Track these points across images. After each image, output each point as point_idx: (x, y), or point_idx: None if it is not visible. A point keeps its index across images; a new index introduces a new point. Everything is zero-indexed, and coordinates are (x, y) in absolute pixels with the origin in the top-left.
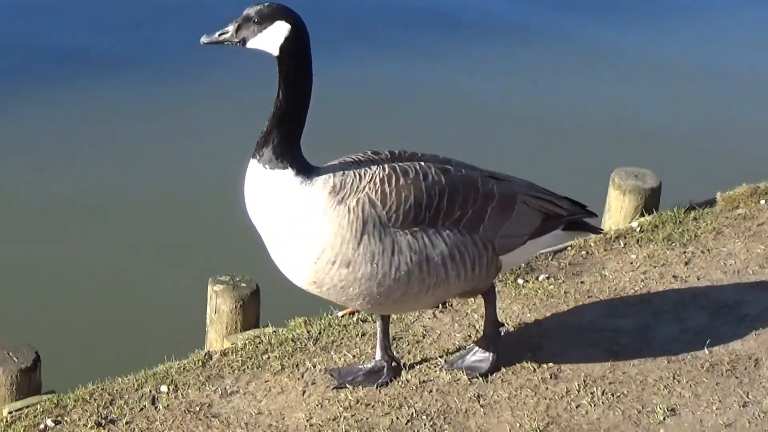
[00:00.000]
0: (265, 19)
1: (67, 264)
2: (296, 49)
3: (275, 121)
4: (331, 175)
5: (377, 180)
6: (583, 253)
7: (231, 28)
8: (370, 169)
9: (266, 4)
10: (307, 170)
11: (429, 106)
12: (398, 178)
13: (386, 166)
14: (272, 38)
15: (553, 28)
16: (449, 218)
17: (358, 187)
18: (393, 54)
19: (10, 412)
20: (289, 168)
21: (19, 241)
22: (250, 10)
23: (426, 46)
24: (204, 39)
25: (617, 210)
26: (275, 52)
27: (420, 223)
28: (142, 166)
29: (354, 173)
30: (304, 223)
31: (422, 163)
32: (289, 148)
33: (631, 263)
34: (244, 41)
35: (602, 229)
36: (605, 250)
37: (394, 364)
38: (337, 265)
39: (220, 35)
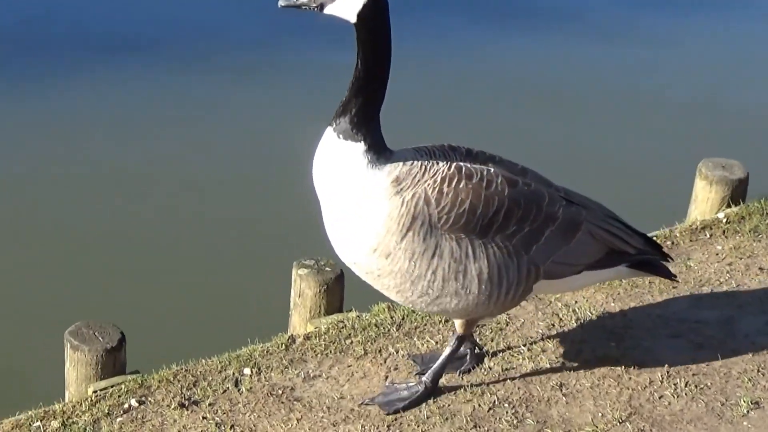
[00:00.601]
0: None
1: (154, 245)
2: (374, 18)
3: (353, 91)
4: (400, 164)
5: (438, 177)
6: (669, 243)
7: None
8: (438, 164)
9: None
10: (379, 149)
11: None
12: (460, 179)
13: (453, 164)
14: (350, 5)
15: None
16: (501, 232)
17: (419, 181)
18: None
19: (95, 391)
20: (362, 142)
21: (106, 222)
22: None
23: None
24: (282, 2)
25: (703, 200)
26: (353, 19)
27: (470, 231)
28: (227, 149)
29: (421, 165)
30: (361, 204)
31: (491, 170)
32: (365, 120)
33: (717, 254)
34: (321, 6)
35: (675, 276)
36: (690, 240)
37: (476, 351)
38: (378, 253)
39: None
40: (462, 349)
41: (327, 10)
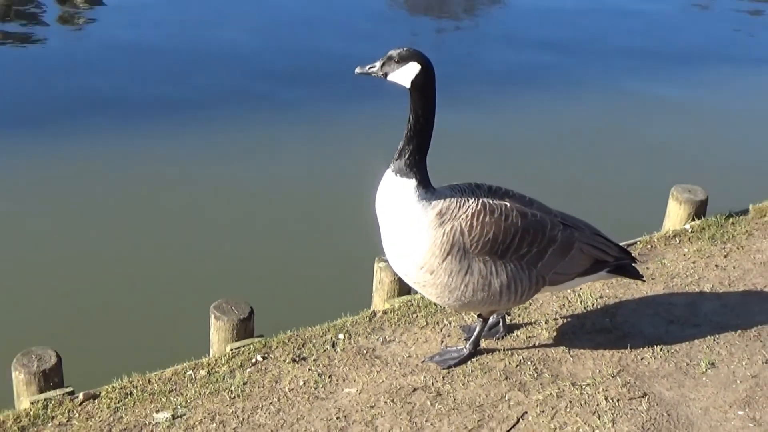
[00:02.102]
0: (403, 60)
1: (279, 242)
2: (423, 84)
3: (407, 139)
4: (442, 200)
5: (470, 212)
6: (649, 246)
7: (378, 64)
8: (468, 201)
9: (405, 49)
10: (426, 185)
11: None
12: (485, 214)
13: (479, 202)
14: (406, 74)
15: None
16: (516, 253)
17: (455, 216)
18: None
19: (231, 350)
20: (414, 179)
21: (245, 224)
22: (393, 52)
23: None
24: (357, 70)
25: (675, 216)
26: (407, 85)
27: (493, 254)
28: (324, 159)
29: (456, 202)
30: (411, 229)
31: (507, 204)
32: (416, 162)
33: (684, 255)
34: (386, 75)
35: (642, 276)
36: (665, 245)
37: (508, 323)
38: (424, 270)
39: (369, 68)
40: (495, 321)
41: (390, 78)
